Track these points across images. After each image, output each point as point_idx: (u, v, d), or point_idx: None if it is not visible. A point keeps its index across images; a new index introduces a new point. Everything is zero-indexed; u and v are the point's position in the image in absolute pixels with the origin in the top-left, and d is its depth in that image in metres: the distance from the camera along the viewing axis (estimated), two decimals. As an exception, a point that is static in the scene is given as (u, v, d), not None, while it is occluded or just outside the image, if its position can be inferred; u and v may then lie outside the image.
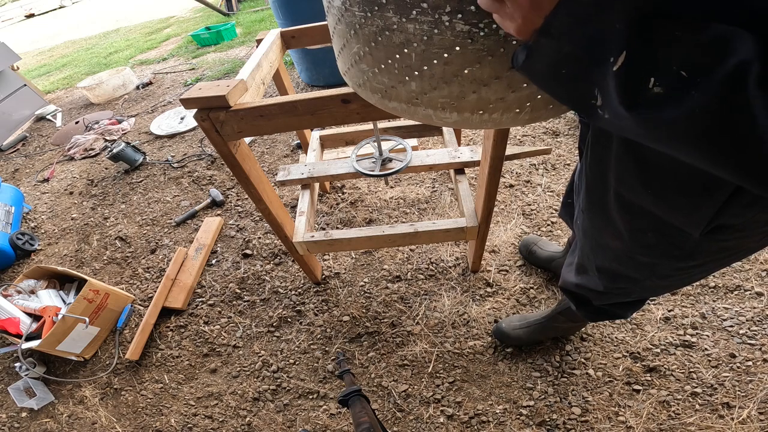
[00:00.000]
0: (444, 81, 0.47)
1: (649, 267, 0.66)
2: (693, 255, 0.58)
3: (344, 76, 0.62)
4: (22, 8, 12.26)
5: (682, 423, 1.02)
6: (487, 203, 1.08)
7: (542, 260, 1.40)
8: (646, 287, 0.74)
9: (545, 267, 1.41)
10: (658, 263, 0.64)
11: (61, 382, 1.40)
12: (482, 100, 0.48)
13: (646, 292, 0.78)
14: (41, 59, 6.07)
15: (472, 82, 0.46)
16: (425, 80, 0.48)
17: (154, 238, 1.91)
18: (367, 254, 1.61)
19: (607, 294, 0.82)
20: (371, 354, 1.29)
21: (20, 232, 1.97)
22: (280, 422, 1.18)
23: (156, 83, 3.74)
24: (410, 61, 0.46)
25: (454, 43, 0.42)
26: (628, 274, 0.71)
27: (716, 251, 0.57)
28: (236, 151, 0.90)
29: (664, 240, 0.58)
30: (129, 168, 2.42)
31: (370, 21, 0.46)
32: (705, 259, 0.60)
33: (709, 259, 0.60)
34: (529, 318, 1.20)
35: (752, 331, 1.15)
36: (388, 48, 0.47)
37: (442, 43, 0.42)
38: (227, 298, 1.55)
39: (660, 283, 0.70)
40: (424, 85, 0.49)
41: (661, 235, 0.58)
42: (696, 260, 0.60)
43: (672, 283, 0.70)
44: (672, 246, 0.58)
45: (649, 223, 0.58)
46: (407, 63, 0.47)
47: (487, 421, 1.09)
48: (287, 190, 2.01)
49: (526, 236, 1.50)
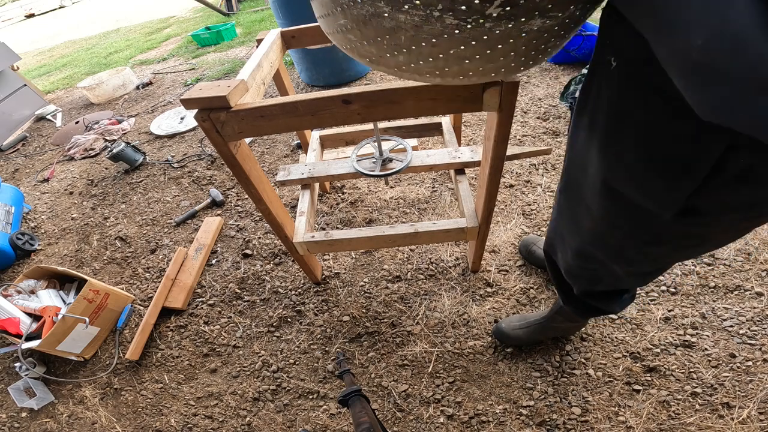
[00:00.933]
0: (431, 57, 0.50)
1: (617, 250, 0.68)
2: (660, 239, 0.60)
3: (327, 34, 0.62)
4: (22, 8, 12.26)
5: (682, 423, 1.02)
6: (488, 203, 1.08)
7: (542, 260, 1.40)
8: (614, 273, 0.76)
9: (545, 267, 1.41)
10: (626, 246, 0.66)
11: (61, 382, 1.40)
12: (464, 70, 0.52)
13: (614, 279, 0.80)
14: (41, 59, 6.07)
15: (456, 59, 0.50)
16: (413, 55, 0.51)
17: (154, 238, 1.91)
18: (367, 254, 1.61)
19: (576, 275, 0.86)
20: (371, 354, 1.29)
21: (20, 232, 1.97)
22: (280, 422, 1.18)
23: (156, 83, 3.74)
24: (399, 42, 0.49)
25: (443, 32, 0.45)
26: (597, 256, 0.74)
27: (682, 237, 0.58)
28: (237, 151, 0.90)
29: (633, 223, 0.60)
30: (129, 168, 2.42)
31: (360, 6, 0.47)
32: (671, 245, 0.62)
33: (675, 246, 0.62)
34: (528, 318, 1.20)
35: (752, 331, 1.15)
36: (378, 29, 0.49)
37: (431, 31, 0.45)
38: (227, 298, 1.55)
39: (627, 269, 0.73)
40: (411, 59, 0.52)
41: (631, 219, 0.60)
42: (662, 245, 0.62)
43: (637, 269, 0.73)
44: (641, 229, 0.61)
45: (622, 207, 0.60)
46: (396, 42, 0.49)
47: (487, 421, 1.09)
48: (287, 190, 2.01)
49: (526, 236, 1.51)
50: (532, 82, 2.48)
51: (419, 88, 0.77)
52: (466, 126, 2.23)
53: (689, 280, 1.31)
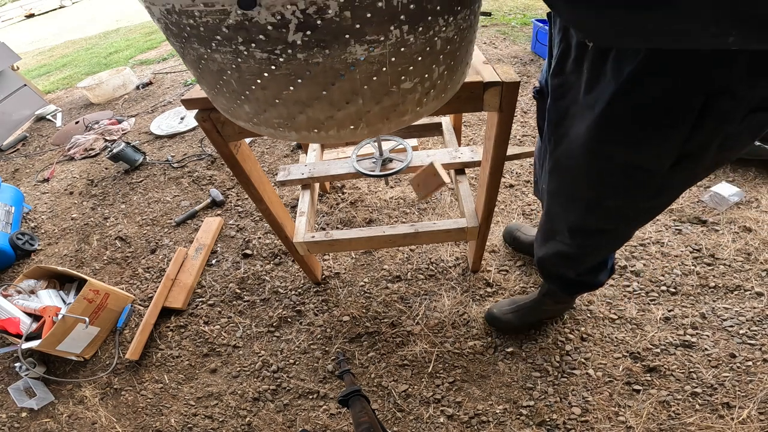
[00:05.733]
0: (269, 104, 0.48)
1: (618, 211, 0.72)
2: (658, 192, 0.65)
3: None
4: (22, 8, 12.23)
5: (682, 423, 1.02)
6: (488, 204, 1.08)
7: (526, 245, 1.44)
8: (617, 235, 0.80)
9: (529, 252, 1.45)
10: (625, 205, 0.70)
11: (61, 382, 1.40)
12: (312, 120, 0.49)
13: (616, 241, 0.84)
14: (41, 59, 6.07)
15: (295, 104, 0.47)
16: (253, 103, 0.49)
17: (154, 238, 1.91)
18: (367, 254, 1.61)
19: (577, 258, 0.89)
20: (371, 354, 1.29)
21: (20, 232, 1.97)
22: (280, 422, 1.18)
23: (156, 83, 3.74)
24: (233, 86, 0.47)
25: (261, 70, 0.43)
26: (598, 225, 0.77)
27: (677, 182, 0.64)
28: (237, 151, 0.90)
29: (633, 182, 0.64)
30: (129, 168, 2.42)
31: (187, 50, 0.46)
32: (665, 194, 0.67)
33: (669, 194, 0.67)
34: (518, 302, 1.23)
35: (752, 331, 1.15)
36: (211, 74, 0.47)
37: (250, 70, 0.43)
38: (227, 298, 1.55)
39: (627, 230, 0.77)
40: (255, 107, 0.49)
41: (628, 178, 0.64)
42: (659, 197, 0.66)
43: (636, 225, 0.78)
44: (638, 185, 0.64)
45: (618, 170, 0.63)
46: (232, 88, 0.47)
47: (487, 421, 1.09)
48: (287, 190, 2.01)
49: (509, 223, 1.53)
50: (532, 82, 2.48)
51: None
52: (466, 126, 2.23)
53: (689, 280, 1.31)
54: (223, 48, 0.42)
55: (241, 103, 0.50)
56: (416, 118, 0.55)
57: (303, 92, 0.45)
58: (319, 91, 0.45)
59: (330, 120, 0.49)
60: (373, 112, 0.50)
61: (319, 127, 0.50)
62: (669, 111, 0.53)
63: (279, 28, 0.39)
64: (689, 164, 0.59)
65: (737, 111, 0.51)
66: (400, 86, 0.48)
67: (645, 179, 0.62)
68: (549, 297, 1.15)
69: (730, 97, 0.49)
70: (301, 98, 0.46)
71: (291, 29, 0.39)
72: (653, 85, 0.52)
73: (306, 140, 0.54)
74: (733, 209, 1.50)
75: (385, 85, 0.47)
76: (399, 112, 0.52)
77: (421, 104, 0.53)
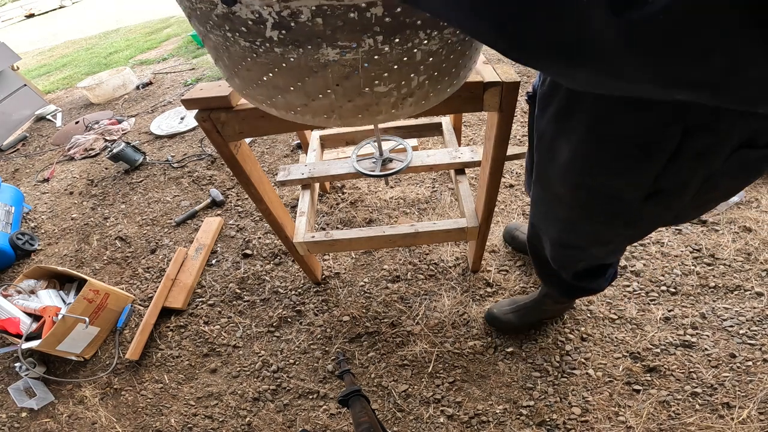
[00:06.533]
0: (253, 83, 0.52)
1: (594, 235, 0.72)
2: (635, 221, 0.64)
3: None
4: (22, 8, 12.22)
5: (682, 423, 1.02)
6: (488, 204, 1.08)
7: (524, 245, 1.43)
8: (591, 255, 0.81)
9: (517, 249, 1.47)
10: (601, 231, 0.70)
11: (61, 382, 1.40)
12: (289, 103, 0.53)
13: (591, 259, 0.84)
14: (41, 59, 6.07)
15: (274, 88, 0.51)
16: (240, 79, 0.54)
17: (154, 238, 1.91)
18: (367, 254, 1.61)
19: (562, 266, 0.89)
20: (371, 354, 1.29)
21: (20, 232, 1.97)
22: (280, 422, 1.18)
23: (156, 83, 3.74)
24: (226, 62, 0.52)
25: (244, 55, 0.47)
26: (573, 242, 0.78)
27: (654, 215, 0.62)
28: (237, 151, 0.90)
29: (607, 209, 0.64)
30: (129, 168, 2.42)
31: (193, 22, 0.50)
32: (645, 224, 0.65)
33: (649, 223, 0.65)
34: (518, 302, 1.23)
35: (752, 331, 1.15)
36: (211, 47, 0.52)
37: (236, 53, 0.48)
38: (227, 298, 1.55)
39: (606, 249, 0.77)
40: (242, 83, 0.55)
41: (604, 205, 0.63)
42: (636, 226, 0.65)
43: (614, 248, 0.78)
44: (614, 215, 0.64)
45: (594, 196, 0.63)
46: (224, 63, 0.53)
47: (487, 421, 1.09)
48: (287, 190, 2.01)
49: (509, 223, 1.53)
50: (532, 82, 2.48)
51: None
52: (466, 126, 2.23)
53: (689, 280, 1.31)
54: (215, 31, 0.46)
55: (232, 77, 0.55)
56: (392, 118, 0.56)
57: (280, 80, 0.49)
58: (294, 81, 0.49)
59: (305, 107, 0.53)
60: (346, 107, 0.52)
61: (295, 110, 0.55)
62: (643, 145, 0.51)
63: (258, 24, 0.42)
64: (665, 199, 0.57)
65: (720, 148, 0.47)
66: (373, 89, 0.49)
67: (621, 208, 0.61)
68: (549, 297, 1.15)
69: (709, 133, 0.46)
70: (279, 85, 0.50)
71: (268, 27, 0.42)
72: (626, 118, 0.50)
73: (285, 118, 0.58)
74: (733, 209, 1.50)
75: (358, 87, 0.49)
76: (372, 111, 0.53)
77: (396, 108, 0.54)
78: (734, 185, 0.55)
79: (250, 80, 0.52)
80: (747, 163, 0.49)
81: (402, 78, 0.49)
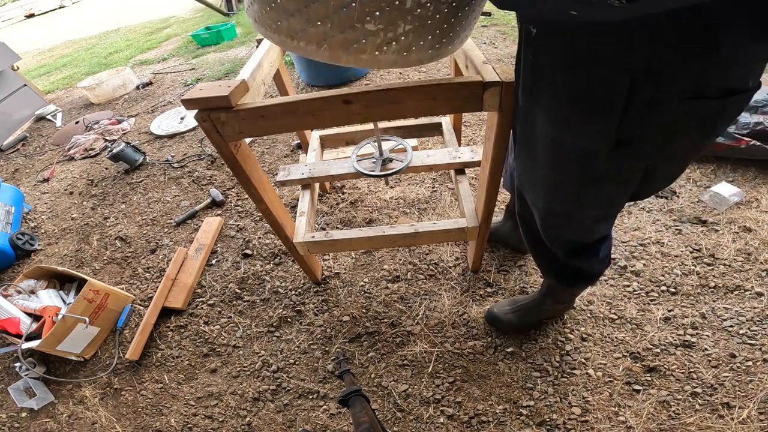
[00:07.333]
0: (267, 5, 0.61)
1: (575, 196, 0.74)
2: (605, 176, 0.67)
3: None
4: (22, 8, 12.23)
5: (682, 423, 1.02)
6: (488, 204, 1.08)
7: (504, 236, 1.48)
8: (580, 222, 0.82)
9: (492, 240, 1.49)
10: (579, 190, 0.73)
11: (61, 382, 1.40)
12: (290, 28, 0.61)
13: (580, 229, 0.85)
14: (41, 59, 6.07)
15: (283, 11, 0.60)
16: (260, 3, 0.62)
17: (154, 238, 1.91)
18: (367, 254, 1.61)
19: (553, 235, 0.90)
20: (371, 354, 1.29)
21: (20, 232, 1.97)
22: (280, 422, 1.18)
23: (156, 83, 3.74)
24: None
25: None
26: (560, 208, 0.80)
27: (623, 170, 0.66)
28: (237, 151, 0.90)
29: (578, 166, 0.68)
30: (129, 168, 2.42)
31: None
32: (616, 181, 0.69)
33: (620, 180, 0.69)
34: (519, 302, 1.23)
35: (752, 331, 1.15)
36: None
37: None
38: (227, 298, 1.55)
39: (588, 213, 0.79)
40: (259, 6, 0.63)
41: (575, 162, 0.67)
42: (608, 182, 0.69)
43: (599, 213, 0.80)
44: (586, 170, 0.68)
45: (565, 153, 0.67)
46: None
47: (487, 421, 1.09)
48: (287, 190, 2.02)
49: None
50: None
51: (419, 87, 0.77)
52: (466, 126, 2.23)
53: (689, 280, 1.31)
54: None
55: (253, 2, 0.64)
56: (374, 61, 0.64)
57: (291, 3, 0.58)
58: (302, 5, 0.57)
59: (303, 32, 0.61)
60: (337, 38, 0.60)
61: (294, 35, 0.62)
62: (600, 99, 0.55)
63: None
64: (631, 150, 0.60)
65: (666, 95, 0.50)
66: (363, 25, 0.58)
67: (596, 163, 0.65)
68: (549, 296, 1.15)
69: (653, 81, 0.50)
70: (288, 8, 0.59)
71: None
72: (580, 74, 0.55)
73: (283, 46, 0.66)
74: (733, 209, 1.50)
75: (351, 20, 0.57)
76: (359, 49, 0.61)
77: (380, 50, 0.62)
78: (695, 140, 0.59)
79: (264, 2, 0.60)
80: (699, 115, 0.53)
81: (390, 21, 0.58)
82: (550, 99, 0.63)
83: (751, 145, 1.61)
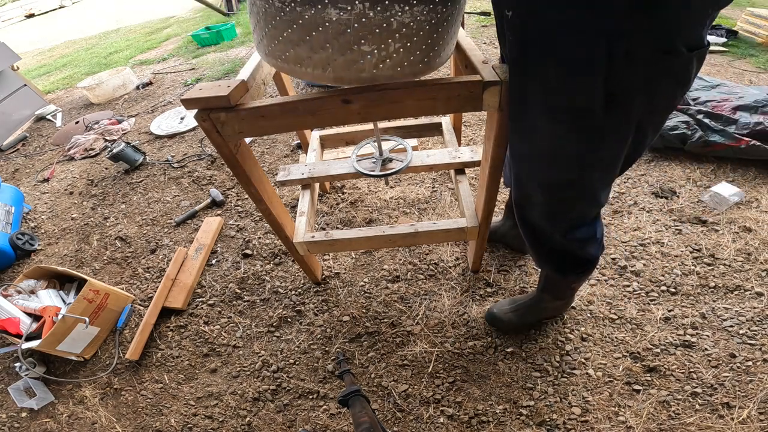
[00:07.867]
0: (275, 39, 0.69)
1: (577, 159, 0.77)
2: (603, 134, 0.71)
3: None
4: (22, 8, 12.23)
5: (682, 423, 1.02)
6: (488, 203, 1.08)
7: (502, 235, 1.49)
8: (584, 188, 0.83)
9: (492, 239, 1.49)
10: (579, 153, 0.75)
11: (61, 382, 1.40)
12: (297, 56, 0.69)
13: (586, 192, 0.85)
14: (41, 59, 6.07)
15: (289, 42, 0.67)
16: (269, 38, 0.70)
17: (154, 238, 1.91)
18: (367, 254, 1.61)
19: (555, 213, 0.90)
20: (371, 354, 1.29)
21: (20, 232, 1.97)
22: (280, 422, 1.18)
23: (156, 83, 3.74)
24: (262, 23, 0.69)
25: (275, 14, 0.65)
26: (564, 176, 0.81)
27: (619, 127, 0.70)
28: (237, 151, 0.90)
29: (575, 127, 0.71)
30: (129, 168, 2.42)
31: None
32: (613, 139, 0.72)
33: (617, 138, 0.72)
34: (518, 301, 1.24)
35: (752, 331, 1.15)
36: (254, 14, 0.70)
37: (270, 13, 0.65)
38: (227, 298, 1.55)
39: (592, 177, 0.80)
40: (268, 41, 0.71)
41: (572, 123, 0.71)
42: (606, 140, 0.72)
43: (602, 176, 0.81)
44: (584, 132, 0.71)
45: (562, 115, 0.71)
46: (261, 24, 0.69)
47: (487, 421, 1.09)
48: (287, 190, 2.01)
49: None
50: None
51: (419, 87, 0.77)
52: (466, 126, 2.23)
53: (689, 280, 1.31)
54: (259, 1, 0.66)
55: (262, 38, 0.71)
56: (373, 78, 0.71)
57: (294, 35, 0.66)
58: (305, 36, 0.65)
59: (309, 59, 0.69)
60: (339, 61, 0.67)
61: (301, 62, 0.70)
62: (584, 60, 0.61)
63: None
64: (620, 106, 0.66)
65: (640, 49, 0.58)
66: (360, 47, 0.65)
67: (590, 120, 0.69)
68: (547, 292, 1.15)
69: (625, 39, 0.57)
70: (293, 39, 0.66)
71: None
72: (566, 40, 0.61)
73: (293, 74, 0.74)
74: (733, 209, 1.50)
75: (349, 43, 0.64)
76: (358, 68, 0.68)
77: (377, 68, 0.69)
78: (674, 91, 0.66)
79: (273, 37, 0.68)
80: (673, 69, 0.61)
81: (381, 41, 0.65)
82: (538, 69, 0.68)
83: (751, 145, 1.61)
